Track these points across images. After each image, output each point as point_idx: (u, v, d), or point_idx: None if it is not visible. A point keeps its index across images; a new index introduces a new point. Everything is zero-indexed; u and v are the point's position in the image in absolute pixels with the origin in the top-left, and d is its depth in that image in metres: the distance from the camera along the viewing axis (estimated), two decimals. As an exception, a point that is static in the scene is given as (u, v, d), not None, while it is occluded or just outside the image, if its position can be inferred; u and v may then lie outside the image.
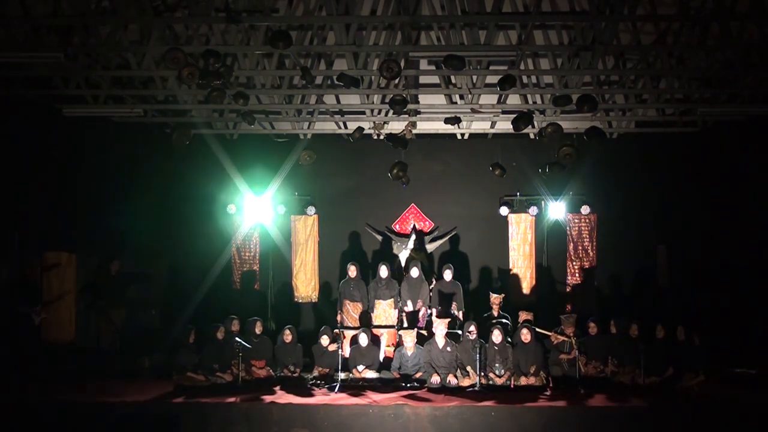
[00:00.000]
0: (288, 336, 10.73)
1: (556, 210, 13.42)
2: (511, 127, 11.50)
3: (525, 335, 10.32)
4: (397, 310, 11.53)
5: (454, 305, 11.49)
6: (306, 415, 8.99)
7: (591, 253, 13.50)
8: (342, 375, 10.22)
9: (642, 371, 9.92)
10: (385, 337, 11.13)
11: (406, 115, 12.42)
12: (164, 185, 13.35)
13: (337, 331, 10.95)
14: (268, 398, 9.49)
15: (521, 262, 13.56)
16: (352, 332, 10.97)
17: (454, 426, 8.86)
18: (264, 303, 13.54)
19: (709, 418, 8.92)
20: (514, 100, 12.69)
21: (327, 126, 13.81)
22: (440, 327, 10.43)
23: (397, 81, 11.72)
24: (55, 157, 12.08)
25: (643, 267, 13.26)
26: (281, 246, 13.70)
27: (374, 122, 13.09)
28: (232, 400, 9.37)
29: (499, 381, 10.05)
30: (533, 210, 13.46)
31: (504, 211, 13.56)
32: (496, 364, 10.17)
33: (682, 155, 13.31)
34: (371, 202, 13.94)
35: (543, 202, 13.45)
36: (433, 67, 11.91)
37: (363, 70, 11.45)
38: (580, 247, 13.53)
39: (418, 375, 10.34)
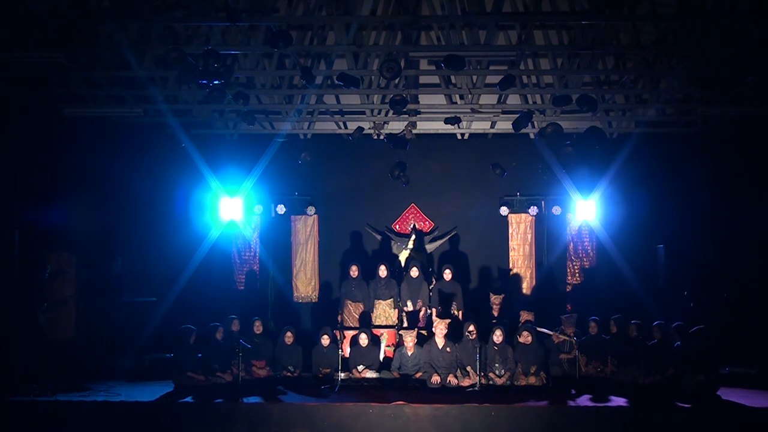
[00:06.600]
0: (289, 338, 10.74)
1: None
2: (511, 127, 11.55)
3: (526, 337, 10.32)
4: (397, 310, 11.55)
5: (453, 305, 11.51)
6: (306, 415, 8.99)
7: (591, 253, 13.51)
8: (342, 375, 10.23)
9: (642, 371, 9.92)
10: (385, 337, 11.14)
11: (406, 115, 12.43)
12: (165, 185, 13.35)
13: (336, 330, 10.96)
14: (268, 398, 9.49)
15: (521, 262, 13.57)
16: (352, 332, 10.98)
17: (454, 426, 8.85)
18: (264, 303, 13.55)
19: (709, 418, 8.91)
20: (514, 100, 12.71)
21: (327, 126, 13.81)
22: (440, 327, 10.42)
23: (397, 81, 11.73)
24: (56, 157, 12.07)
25: (643, 267, 13.25)
26: (280, 246, 13.74)
27: (374, 122, 13.10)
28: (232, 400, 9.37)
29: (499, 381, 10.05)
30: (533, 210, 13.47)
31: (504, 211, 13.57)
32: (496, 364, 10.17)
33: (682, 155, 13.30)
34: (371, 202, 13.95)
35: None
36: (433, 67, 11.91)
37: (363, 70, 11.46)
38: (580, 247, 13.54)
39: (418, 375, 10.34)
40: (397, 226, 13.88)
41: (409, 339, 10.51)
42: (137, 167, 12.94)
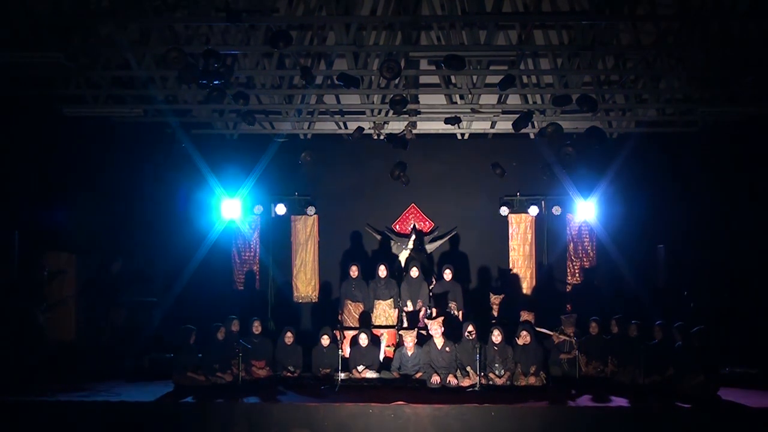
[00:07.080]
0: (289, 338, 10.74)
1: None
2: (511, 127, 11.55)
3: (524, 337, 10.31)
4: (397, 310, 11.55)
5: (453, 305, 11.51)
6: (306, 415, 8.98)
7: (591, 253, 13.51)
8: (342, 375, 10.23)
9: (642, 371, 9.92)
10: (385, 337, 11.13)
11: (406, 115, 12.43)
12: (165, 185, 13.35)
13: (336, 330, 10.96)
14: (268, 398, 9.49)
15: (521, 262, 13.57)
16: (352, 332, 10.98)
17: (454, 426, 8.85)
18: (264, 303, 13.55)
19: (709, 418, 8.91)
20: (514, 100, 12.70)
21: (327, 126, 13.81)
22: (434, 327, 10.40)
23: (397, 81, 11.73)
24: (56, 157, 12.08)
25: (643, 267, 13.25)
26: (280, 246, 13.74)
27: (374, 122, 13.10)
28: (232, 400, 9.38)
29: (499, 381, 10.04)
30: (533, 210, 13.47)
31: (504, 211, 13.58)
32: (496, 364, 10.17)
33: (682, 155, 13.30)
34: (371, 202, 13.94)
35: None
36: (433, 67, 11.91)
37: (363, 70, 11.46)
38: (580, 247, 13.54)
39: (418, 375, 10.34)
40: (397, 226, 13.88)
41: (409, 339, 10.50)
42: (137, 167, 12.94)
